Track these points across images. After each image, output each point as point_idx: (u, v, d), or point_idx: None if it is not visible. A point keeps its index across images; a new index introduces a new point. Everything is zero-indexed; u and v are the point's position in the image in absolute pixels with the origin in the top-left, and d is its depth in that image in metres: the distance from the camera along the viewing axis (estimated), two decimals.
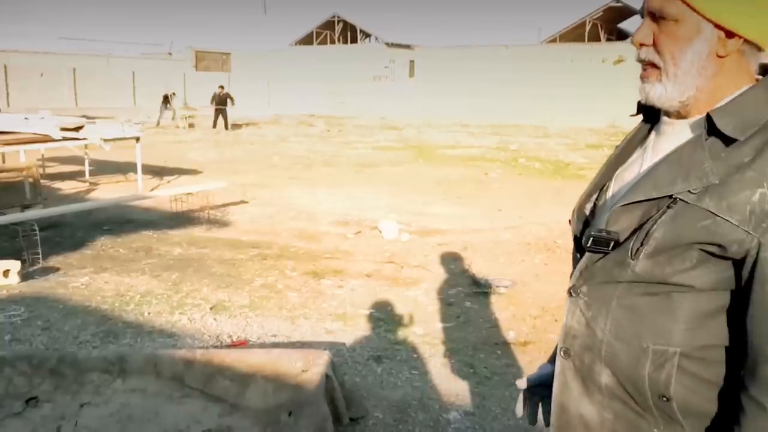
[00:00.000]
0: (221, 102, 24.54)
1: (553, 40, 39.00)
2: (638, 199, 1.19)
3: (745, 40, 1.16)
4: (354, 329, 4.75)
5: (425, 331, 4.76)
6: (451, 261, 6.63)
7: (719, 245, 1.11)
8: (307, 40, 46.05)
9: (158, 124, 26.01)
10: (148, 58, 39.85)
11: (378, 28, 45.03)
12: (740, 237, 1.09)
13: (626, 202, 1.21)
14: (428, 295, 5.55)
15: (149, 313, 4.97)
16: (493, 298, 5.46)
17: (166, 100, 26.27)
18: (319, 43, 45.26)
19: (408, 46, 40.80)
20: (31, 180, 8.26)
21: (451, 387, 3.88)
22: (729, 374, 1.18)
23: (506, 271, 6.18)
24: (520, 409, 1.59)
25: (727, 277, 1.15)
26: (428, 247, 7.18)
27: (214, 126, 24.48)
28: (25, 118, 9.29)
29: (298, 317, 4.96)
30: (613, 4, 36.47)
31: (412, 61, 39.78)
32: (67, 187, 11.00)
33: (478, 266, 6.38)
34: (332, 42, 45.46)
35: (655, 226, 1.15)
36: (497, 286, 5.69)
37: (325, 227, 8.20)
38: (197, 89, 32.95)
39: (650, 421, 1.24)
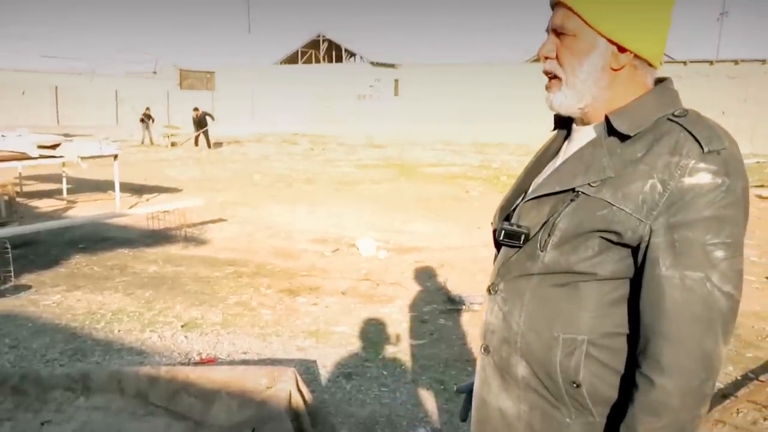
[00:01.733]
0: (201, 124, 24.60)
1: (538, 60, 39.33)
2: (543, 193, 1.30)
3: (636, 56, 1.27)
4: (326, 346, 4.73)
5: (397, 347, 4.76)
6: (428, 278, 6.64)
7: (616, 232, 1.21)
8: (292, 59, 46.23)
9: (143, 142, 25.96)
10: (133, 77, 39.78)
11: (363, 46, 45.37)
12: (634, 224, 1.19)
13: (533, 196, 1.33)
14: (402, 312, 5.55)
15: (119, 331, 4.93)
16: (467, 315, 5.46)
17: (144, 118, 26.27)
18: (304, 62, 45.44)
19: (393, 65, 41.02)
20: (6, 198, 8.19)
21: (420, 404, 3.87)
22: (632, 363, 1.25)
23: (482, 288, 6.14)
24: (463, 413, 1.67)
25: (626, 265, 1.25)
26: (405, 265, 7.19)
27: (196, 144, 24.51)
28: (2, 136, 9.22)
29: (270, 335, 4.94)
30: None
31: (396, 80, 39.99)
32: (45, 205, 10.92)
33: (454, 283, 6.38)
34: (317, 61, 45.67)
35: (559, 218, 1.26)
36: (471, 303, 5.70)
37: (303, 245, 8.19)
38: (181, 108, 32.86)
39: (563, 411, 1.31)
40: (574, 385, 1.27)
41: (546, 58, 1.35)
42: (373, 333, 5.05)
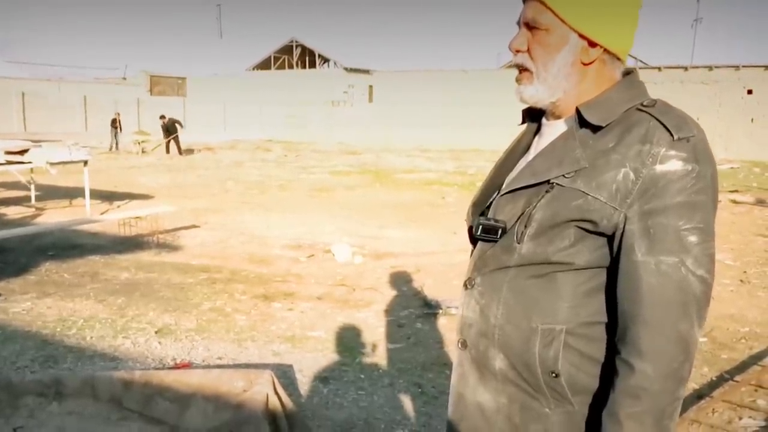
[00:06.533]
0: (170, 130, 24.43)
1: (512, 66, 39.60)
2: (519, 186, 1.32)
3: (606, 50, 1.29)
4: (302, 351, 4.70)
5: (374, 352, 4.74)
6: (404, 283, 6.63)
7: (592, 221, 1.23)
8: (264, 65, 45.99)
9: (111, 149, 25.66)
10: (102, 83, 39.28)
11: (337, 52, 45.25)
12: (609, 212, 1.21)
13: (508, 190, 1.34)
14: (379, 317, 5.54)
15: (92, 338, 4.84)
16: (444, 319, 5.46)
17: (114, 123, 26.05)
18: (277, 68, 45.24)
19: (367, 71, 41.05)
20: None
21: (398, 407, 3.86)
22: (610, 351, 1.27)
23: (458, 293, 6.17)
24: None
25: (602, 254, 1.26)
26: (381, 270, 7.17)
27: (167, 151, 24.30)
28: None
29: (245, 340, 4.89)
30: None
31: (371, 86, 40.03)
32: (12, 212, 10.70)
33: (430, 288, 6.39)
34: (290, 67, 45.52)
35: (535, 209, 1.27)
36: (448, 307, 5.70)
37: (278, 251, 8.14)
38: (152, 114, 32.50)
39: (542, 401, 1.32)
40: (553, 375, 1.28)
41: (517, 51, 1.35)
42: (350, 337, 5.03)
